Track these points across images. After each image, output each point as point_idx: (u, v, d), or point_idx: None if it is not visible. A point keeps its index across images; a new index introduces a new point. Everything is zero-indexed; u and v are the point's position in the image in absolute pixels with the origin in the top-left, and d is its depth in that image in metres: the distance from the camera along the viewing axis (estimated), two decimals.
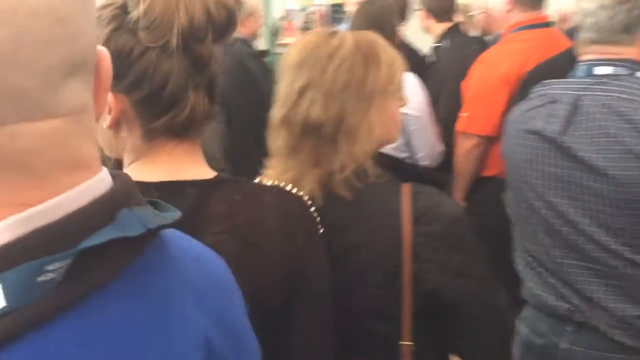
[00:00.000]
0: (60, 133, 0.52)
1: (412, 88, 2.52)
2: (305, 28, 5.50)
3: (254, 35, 3.44)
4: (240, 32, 3.04)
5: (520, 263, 1.75)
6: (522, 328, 1.73)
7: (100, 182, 0.54)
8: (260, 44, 4.52)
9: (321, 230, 1.08)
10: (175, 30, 0.91)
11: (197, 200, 0.96)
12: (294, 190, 1.17)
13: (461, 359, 1.35)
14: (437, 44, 3.24)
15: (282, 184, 1.24)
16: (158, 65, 0.91)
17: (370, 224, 1.21)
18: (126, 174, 0.59)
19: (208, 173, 1.01)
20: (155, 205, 0.61)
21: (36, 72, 0.49)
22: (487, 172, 2.65)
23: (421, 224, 1.19)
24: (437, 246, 1.19)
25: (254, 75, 2.71)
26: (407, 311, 1.20)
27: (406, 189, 1.23)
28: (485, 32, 3.49)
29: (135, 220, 0.53)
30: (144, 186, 0.94)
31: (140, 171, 0.97)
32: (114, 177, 0.57)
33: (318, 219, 1.09)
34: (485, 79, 2.60)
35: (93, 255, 0.50)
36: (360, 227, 1.21)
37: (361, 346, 1.23)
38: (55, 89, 0.51)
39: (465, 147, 2.66)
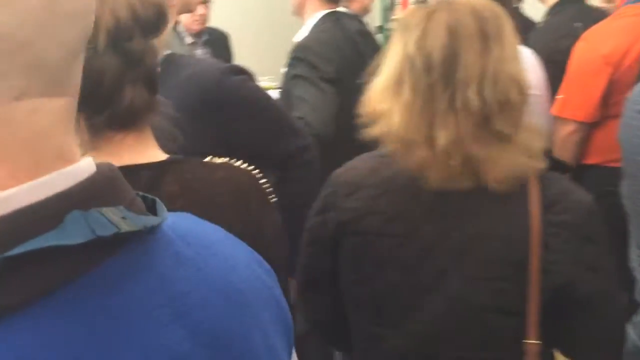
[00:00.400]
0: (65, 114, 0.47)
1: (531, 64, 2.35)
2: (420, 2, 5.30)
3: (365, 10, 3.34)
4: (350, 7, 2.96)
5: (635, 260, 1.58)
6: (631, 334, 1.58)
7: (68, 175, 0.46)
8: (373, 20, 4.42)
9: (273, 200, 1.15)
10: (101, 32, 0.95)
11: (150, 181, 1.01)
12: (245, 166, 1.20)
13: (567, 356, 1.26)
14: (540, 21, 3.00)
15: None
16: (89, 66, 0.96)
17: (497, 211, 1.15)
18: (111, 166, 0.51)
19: (161, 156, 1.06)
20: (154, 204, 0.53)
21: (62, 43, 0.46)
22: (589, 160, 2.46)
23: (552, 213, 1.13)
24: (569, 237, 1.13)
25: (364, 53, 2.62)
26: (533, 306, 1.13)
27: (532, 174, 1.16)
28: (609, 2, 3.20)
29: (83, 225, 0.45)
30: None
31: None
32: (97, 168, 0.50)
33: (269, 189, 1.16)
34: (584, 58, 2.40)
35: (23, 266, 0.42)
36: (487, 215, 1.15)
37: (482, 343, 1.17)
38: (71, 64, 0.47)
39: (561, 132, 2.47)
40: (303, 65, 2.36)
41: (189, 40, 3.93)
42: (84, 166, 0.48)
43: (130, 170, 0.96)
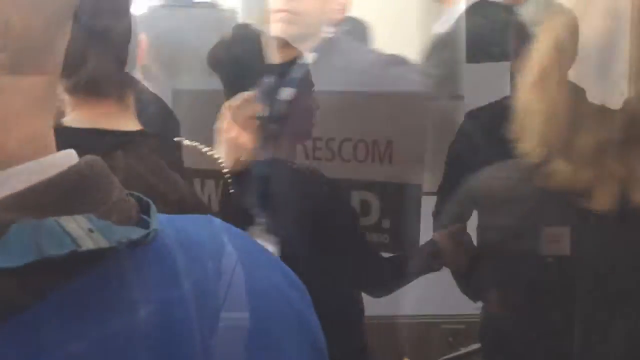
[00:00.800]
0: (41, 95, 0.41)
1: None
2: None
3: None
4: None
5: None
6: None
7: (32, 170, 0.38)
8: (529, 11, 4.15)
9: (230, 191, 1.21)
10: None
11: (107, 147, 1.02)
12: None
13: None
14: None
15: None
16: None
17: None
18: (92, 160, 0.42)
19: (133, 126, 1.12)
20: (148, 207, 0.44)
21: (41, 13, 0.40)
22: None
23: None
24: None
25: (515, 50, 2.41)
26: None
27: None
28: None
29: (29, 241, 0.35)
30: (64, 129, 1.02)
31: (65, 120, 1.06)
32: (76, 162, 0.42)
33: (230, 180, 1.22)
34: None
35: None
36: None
37: None
38: (53, 37, 0.42)
39: None
40: (437, 62, 2.22)
41: (330, 29, 3.88)
42: (59, 159, 0.40)
43: (96, 133, 1.06)
